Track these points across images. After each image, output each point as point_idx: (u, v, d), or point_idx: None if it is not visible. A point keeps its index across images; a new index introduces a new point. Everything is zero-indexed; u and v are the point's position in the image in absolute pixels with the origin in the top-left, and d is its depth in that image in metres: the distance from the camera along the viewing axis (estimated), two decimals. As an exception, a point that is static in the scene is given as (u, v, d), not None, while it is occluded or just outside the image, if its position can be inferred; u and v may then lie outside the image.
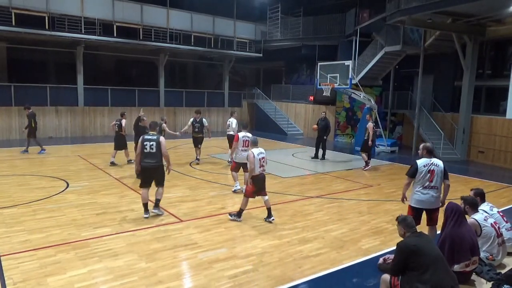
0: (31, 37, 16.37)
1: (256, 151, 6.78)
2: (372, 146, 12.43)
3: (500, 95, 14.94)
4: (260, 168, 6.76)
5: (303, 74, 23.77)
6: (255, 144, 6.97)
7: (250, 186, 6.79)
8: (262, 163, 6.78)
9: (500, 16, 13.29)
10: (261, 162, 6.76)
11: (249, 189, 6.85)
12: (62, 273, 4.77)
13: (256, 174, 6.71)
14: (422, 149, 5.78)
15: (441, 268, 3.60)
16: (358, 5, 18.87)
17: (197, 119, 12.03)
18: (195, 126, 12.04)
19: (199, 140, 12.24)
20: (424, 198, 5.57)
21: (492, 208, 5.23)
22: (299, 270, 5.11)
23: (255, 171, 6.69)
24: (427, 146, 5.75)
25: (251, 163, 6.66)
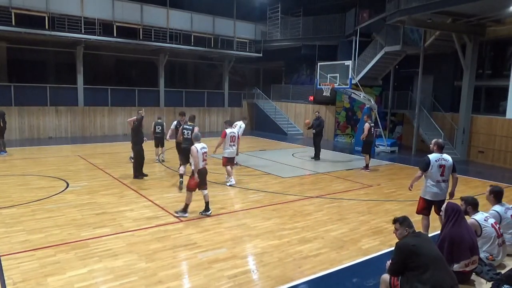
0: (31, 37, 16.37)
1: (199, 145, 7.08)
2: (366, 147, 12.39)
3: (500, 95, 14.94)
4: (202, 162, 7.04)
5: (303, 74, 23.77)
6: (198, 140, 7.22)
7: (193, 180, 7.01)
8: (204, 157, 7.08)
9: (500, 16, 13.29)
10: (203, 156, 7.05)
11: (192, 183, 7.03)
12: (61, 273, 4.77)
13: (199, 168, 7.01)
14: (433, 145, 6.08)
15: (440, 268, 3.59)
16: (358, 5, 18.88)
17: (181, 122, 9.94)
18: (184, 133, 9.23)
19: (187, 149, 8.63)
20: (439, 191, 5.92)
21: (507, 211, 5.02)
22: (299, 270, 5.10)
23: (199, 164, 6.98)
24: (439, 142, 6.06)
25: (194, 158, 6.95)
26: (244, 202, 8.26)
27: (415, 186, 6.17)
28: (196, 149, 6.98)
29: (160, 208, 7.54)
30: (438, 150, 5.98)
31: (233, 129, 9.94)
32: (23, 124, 17.02)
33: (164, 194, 8.62)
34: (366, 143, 12.27)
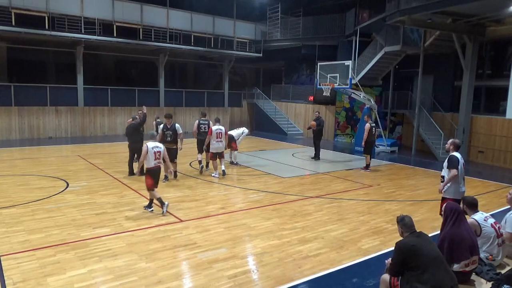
0: (31, 37, 16.36)
1: (151, 144, 7.22)
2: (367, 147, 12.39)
3: (500, 95, 14.94)
4: (155, 160, 7.19)
5: (303, 74, 23.78)
6: (153, 138, 7.39)
7: (148, 180, 7.12)
8: (157, 156, 7.23)
9: (500, 16, 13.29)
10: (156, 155, 7.20)
11: (148, 183, 7.14)
12: (61, 273, 4.77)
13: (151, 167, 7.15)
14: (450, 144, 6.10)
15: (440, 268, 3.59)
16: (358, 5, 18.88)
17: (168, 125, 9.70)
18: (166, 135, 9.62)
19: (173, 153, 9.60)
20: (464, 189, 6.02)
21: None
22: (299, 270, 5.11)
23: (150, 163, 7.13)
24: (456, 141, 6.09)
25: (143, 155, 7.12)
26: (244, 202, 8.27)
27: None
28: (147, 148, 7.13)
29: (160, 208, 7.54)
30: (454, 150, 6.01)
31: (220, 126, 10.51)
32: (23, 124, 17.02)
33: (164, 194, 8.61)
34: (367, 143, 12.25)
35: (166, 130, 9.66)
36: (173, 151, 9.71)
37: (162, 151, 7.38)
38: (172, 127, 9.69)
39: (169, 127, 9.70)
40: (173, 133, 9.67)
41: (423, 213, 7.88)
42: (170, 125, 9.71)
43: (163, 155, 7.41)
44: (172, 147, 9.61)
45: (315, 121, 13.73)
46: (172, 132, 9.66)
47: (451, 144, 6.08)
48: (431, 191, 9.81)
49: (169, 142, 9.59)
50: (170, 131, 9.67)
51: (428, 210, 8.14)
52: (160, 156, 7.30)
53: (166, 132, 9.66)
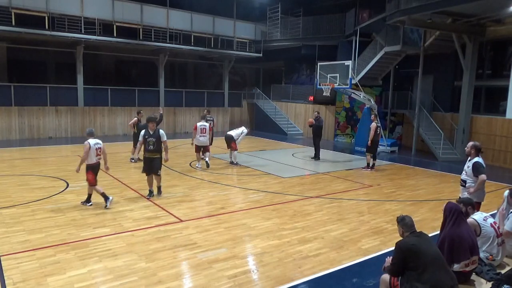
0: (31, 37, 16.36)
1: (93, 141, 7.39)
2: (372, 146, 12.37)
3: (500, 95, 14.94)
4: (96, 156, 7.40)
5: (303, 74, 23.78)
6: (92, 135, 7.53)
7: (90, 175, 7.38)
8: (98, 153, 7.44)
9: (500, 16, 13.29)
10: (97, 151, 7.40)
11: (90, 178, 7.39)
12: (61, 273, 4.77)
13: (93, 162, 7.36)
14: (470, 148, 6.00)
15: (440, 268, 3.59)
16: (358, 5, 18.88)
17: (150, 130, 8.17)
18: (148, 142, 8.11)
19: (155, 164, 8.18)
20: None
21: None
22: (299, 270, 5.10)
23: (92, 159, 7.33)
24: (477, 145, 6.02)
25: (85, 152, 7.27)
26: (244, 202, 8.27)
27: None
28: (89, 145, 7.30)
29: (160, 208, 7.55)
30: (476, 154, 5.94)
31: (204, 122, 11.54)
32: (23, 124, 17.02)
33: (164, 194, 8.62)
34: (372, 142, 12.20)
35: (148, 137, 8.09)
36: (156, 162, 8.18)
37: (103, 147, 7.58)
38: (156, 133, 8.14)
39: (152, 133, 8.13)
40: (156, 140, 8.09)
41: (423, 213, 7.88)
42: (153, 130, 8.16)
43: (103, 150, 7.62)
44: (154, 157, 8.15)
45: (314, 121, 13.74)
46: (156, 139, 8.09)
47: (472, 147, 5.96)
48: (431, 191, 9.82)
49: (151, 151, 8.12)
50: (153, 137, 8.10)
51: (428, 210, 8.14)
52: (101, 152, 7.52)
53: (148, 139, 8.10)
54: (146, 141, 8.12)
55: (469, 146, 6.05)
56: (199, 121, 11.76)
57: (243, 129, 12.42)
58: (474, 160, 6.02)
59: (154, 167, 8.17)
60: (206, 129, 11.47)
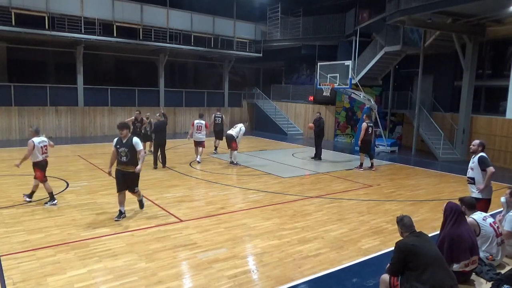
0: (31, 37, 16.37)
1: (37, 140, 7.41)
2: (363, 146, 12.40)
3: (500, 95, 14.94)
4: (42, 154, 7.45)
5: (303, 74, 23.78)
6: (38, 134, 7.53)
7: (38, 173, 7.43)
8: (44, 151, 7.50)
9: (500, 16, 13.29)
10: (43, 149, 7.46)
11: (39, 175, 7.44)
12: (61, 273, 4.77)
13: (39, 160, 7.39)
14: (477, 146, 6.07)
15: (440, 267, 3.59)
16: (358, 5, 18.88)
17: (122, 139, 6.82)
18: (120, 153, 6.82)
19: (131, 179, 6.92)
20: None
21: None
22: (299, 270, 5.11)
23: (38, 157, 7.36)
24: (484, 143, 6.11)
25: (28, 151, 7.28)
26: (244, 202, 8.27)
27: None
28: (33, 143, 7.30)
29: (160, 208, 7.55)
30: (482, 151, 6.01)
31: (201, 120, 12.56)
32: (23, 124, 17.01)
33: (164, 194, 8.63)
34: (363, 142, 12.29)
35: (120, 147, 6.76)
36: (130, 177, 6.86)
37: (48, 143, 7.65)
38: (129, 142, 6.76)
39: (125, 141, 6.76)
40: (129, 150, 6.73)
41: (423, 213, 7.88)
42: (126, 139, 6.79)
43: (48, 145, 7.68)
44: (128, 171, 6.81)
45: (314, 123, 13.76)
46: (128, 150, 6.73)
47: (479, 145, 6.04)
48: (431, 191, 9.82)
49: (124, 163, 6.78)
50: (125, 147, 6.74)
51: (428, 210, 8.14)
52: (47, 149, 7.57)
53: (119, 149, 6.76)
54: (117, 152, 6.80)
55: (476, 144, 6.10)
56: (196, 119, 12.83)
57: (241, 126, 12.30)
58: (478, 155, 6.04)
59: (128, 182, 6.87)
60: (202, 126, 12.48)
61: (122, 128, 6.84)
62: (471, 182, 6.18)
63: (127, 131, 6.88)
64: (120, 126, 6.89)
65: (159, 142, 11.41)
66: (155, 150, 11.51)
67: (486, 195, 6.02)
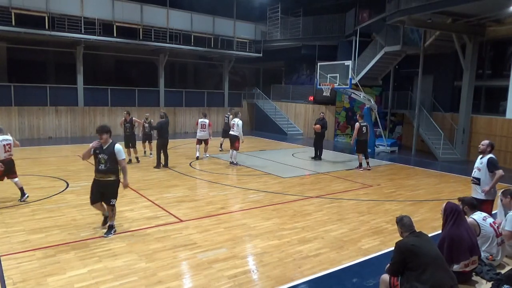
0: (31, 37, 16.37)
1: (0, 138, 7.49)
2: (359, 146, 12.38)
3: (500, 95, 14.93)
4: (5, 153, 7.50)
5: (303, 74, 23.77)
6: (0, 132, 7.64)
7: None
8: (7, 149, 7.55)
9: (500, 16, 13.29)
10: (5, 148, 7.51)
11: None
12: (61, 273, 4.77)
13: (2, 159, 7.42)
14: (487, 146, 6.02)
15: (440, 268, 3.59)
16: (358, 5, 18.88)
17: (103, 144, 5.95)
18: (98, 160, 5.95)
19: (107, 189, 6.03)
20: None
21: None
22: (299, 270, 5.10)
23: (1, 156, 7.41)
24: (493, 143, 6.06)
25: None
26: (244, 202, 8.27)
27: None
28: None
29: (160, 208, 7.55)
30: (491, 152, 5.97)
31: (204, 119, 13.26)
32: (23, 124, 17.03)
33: (164, 194, 8.63)
34: (359, 142, 12.31)
35: (100, 152, 5.92)
36: (108, 187, 6.00)
37: (12, 142, 7.66)
38: (110, 148, 5.93)
39: (105, 147, 5.93)
40: (109, 157, 5.91)
41: (423, 213, 7.88)
42: (106, 144, 5.96)
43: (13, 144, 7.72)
44: (106, 180, 5.97)
45: (318, 123, 13.75)
46: (108, 157, 5.91)
47: (488, 145, 5.98)
48: (431, 191, 9.82)
49: (102, 171, 5.93)
50: (104, 154, 5.91)
51: (428, 210, 8.14)
52: (10, 148, 7.60)
53: (99, 155, 5.92)
54: (96, 158, 5.97)
55: (485, 144, 6.03)
56: (200, 117, 13.58)
57: (238, 122, 12.11)
58: (488, 156, 5.96)
59: (105, 193, 6.01)
60: (206, 125, 13.16)
61: (102, 132, 5.91)
62: (476, 182, 6.10)
63: (108, 136, 5.96)
64: (100, 130, 5.94)
65: (162, 142, 11.46)
66: (158, 150, 11.55)
67: (490, 196, 5.99)
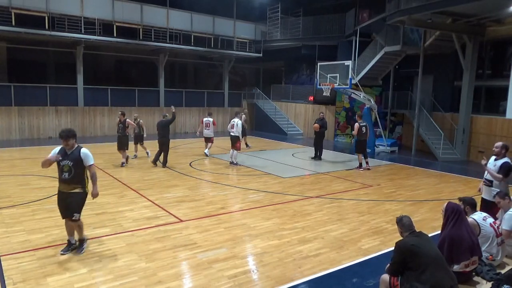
0: (31, 37, 16.37)
1: None
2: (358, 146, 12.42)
3: (500, 95, 14.93)
4: None
5: (303, 74, 23.78)
6: None
7: None
8: None
9: (500, 16, 13.29)
10: None
11: None
12: (61, 273, 4.77)
13: None
14: (500, 148, 5.82)
15: (440, 267, 3.59)
16: (358, 5, 18.88)
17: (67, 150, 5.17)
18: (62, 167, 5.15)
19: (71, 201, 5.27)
20: None
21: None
22: (299, 270, 5.10)
23: None
24: (507, 145, 5.86)
25: None
26: (244, 202, 8.27)
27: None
28: None
29: (160, 208, 7.55)
30: (505, 154, 5.76)
31: (209, 118, 13.89)
32: (23, 124, 17.03)
33: (164, 194, 8.63)
34: (359, 142, 12.31)
35: (63, 159, 5.11)
36: (72, 199, 5.24)
37: None
38: (75, 154, 5.15)
39: (69, 153, 5.15)
40: (74, 165, 5.13)
41: (423, 213, 7.88)
42: (71, 150, 5.17)
43: None
44: (70, 191, 5.22)
45: (318, 123, 13.75)
46: (73, 164, 5.12)
47: (502, 147, 5.80)
48: (431, 191, 9.82)
49: (66, 181, 5.16)
50: (69, 160, 5.11)
51: (428, 210, 8.14)
52: None
53: (62, 162, 5.11)
54: (59, 166, 5.14)
55: (499, 146, 5.84)
56: (205, 116, 14.20)
57: (237, 122, 12.16)
58: (503, 160, 5.78)
59: (69, 206, 5.22)
60: (210, 123, 13.77)
61: (68, 137, 5.09)
62: (488, 184, 5.96)
63: (74, 142, 5.18)
64: (64, 135, 5.09)
65: (162, 141, 11.66)
66: (159, 148, 11.81)
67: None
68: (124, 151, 11.73)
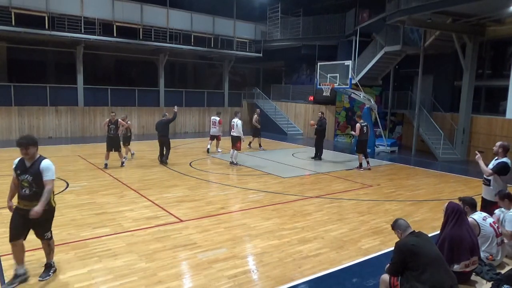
0: (31, 37, 16.37)
1: None
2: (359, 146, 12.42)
3: (500, 95, 14.94)
4: None
5: (303, 74, 23.78)
6: None
7: None
8: None
9: (500, 16, 13.30)
10: None
11: None
12: (61, 273, 4.77)
13: None
14: (498, 147, 5.87)
15: (440, 267, 3.59)
16: (358, 5, 18.88)
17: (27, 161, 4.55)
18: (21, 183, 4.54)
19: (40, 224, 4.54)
20: None
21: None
22: (299, 270, 5.10)
23: None
24: (505, 145, 5.89)
25: None
26: (244, 202, 8.27)
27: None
28: None
29: (160, 208, 7.55)
30: (504, 153, 5.78)
31: (215, 117, 14.44)
32: (23, 124, 17.02)
33: (164, 194, 8.63)
34: (359, 142, 12.31)
35: (21, 173, 4.48)
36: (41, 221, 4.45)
37: None
38: (35, 167, 4.47)
39: (29, 165, 4.49)
40: (34, 178, 4.44)
41: (423, 213, 7.88)
42: (31, 161, 4.51)
43: None
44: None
45: (317, 122, 13.77)
46: (33, 178, 4.44)
47: (500, 147, 5.85)
48: (431, 191, 9.82)
49: (26, 197, 4.48)
50: (28, 175, 4.46)
51: (428, 210, 8.14)
52: None
53: (20, 177, 4.48)
54: (19, 179, 4.50)
55: (497, 145, 5.92)
56: (213, 115, 14.77)
57: (237, 122, 12.14)
58: (500, 159, 5.83)
59: (33, 226, 4.51)
60: (216, 122, 14.35)
61: (27, 145, 4.39)
62: (486, 183, 6.01)
63: (35, 150, 4.50)
64: (23, 142, 4.40)
65: (160, 139, 12.07)
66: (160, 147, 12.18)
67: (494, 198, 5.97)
68: (119, 152, 11.62)
